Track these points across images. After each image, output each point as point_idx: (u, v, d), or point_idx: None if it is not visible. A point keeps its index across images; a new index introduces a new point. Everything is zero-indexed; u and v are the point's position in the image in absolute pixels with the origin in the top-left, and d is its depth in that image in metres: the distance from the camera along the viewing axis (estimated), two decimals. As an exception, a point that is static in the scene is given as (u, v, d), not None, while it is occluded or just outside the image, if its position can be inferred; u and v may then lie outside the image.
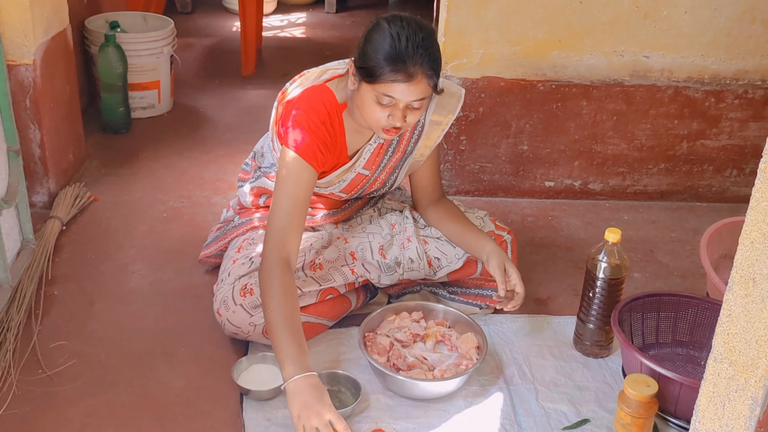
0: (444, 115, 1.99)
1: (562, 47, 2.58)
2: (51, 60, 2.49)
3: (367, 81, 1.73)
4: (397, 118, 1.75)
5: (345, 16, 4.80)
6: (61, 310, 2.08)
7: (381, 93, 1.72)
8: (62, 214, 2.42)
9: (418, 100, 1.74)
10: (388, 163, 2.01)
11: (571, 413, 1.83)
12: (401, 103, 1.74)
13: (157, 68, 3.19)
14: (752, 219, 0.96)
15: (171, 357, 1.94)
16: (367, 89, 1.74)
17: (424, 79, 1.71)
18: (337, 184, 1.99)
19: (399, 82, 1.70)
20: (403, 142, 2.00)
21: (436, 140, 2.02)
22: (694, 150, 2.76)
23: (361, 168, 1.98)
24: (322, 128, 1.83)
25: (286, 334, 1.69)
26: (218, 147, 3.04)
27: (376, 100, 1.74)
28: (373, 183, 2.04)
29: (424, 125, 1.99)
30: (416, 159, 2.04)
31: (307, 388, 1.63)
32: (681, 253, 2.54)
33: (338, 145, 1.90)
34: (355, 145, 1.95)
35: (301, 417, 1.60)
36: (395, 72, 1.68)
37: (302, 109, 1.83)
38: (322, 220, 2.09)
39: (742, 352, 0.98)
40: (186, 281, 2.22)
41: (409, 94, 1.72)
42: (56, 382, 1.83)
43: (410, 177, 2.12)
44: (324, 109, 1.84)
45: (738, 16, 2.56)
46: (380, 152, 1.97)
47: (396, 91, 1.71)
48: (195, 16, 4.60)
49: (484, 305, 2.12)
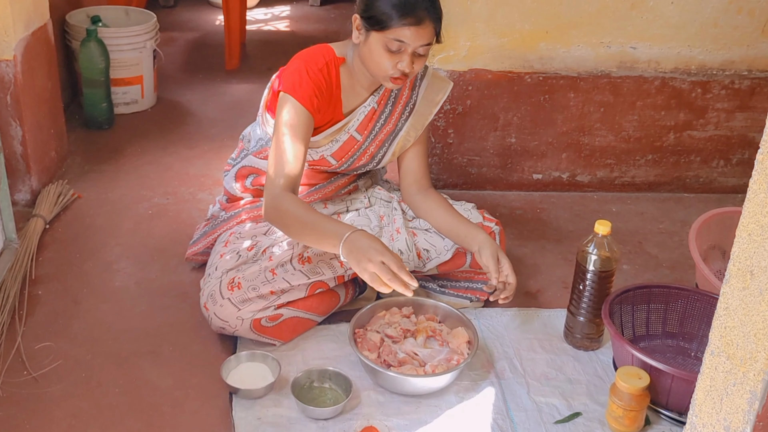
0: (435, 94, 2.08)
1: (549, 39, 2.57)
2: (32, 55, 2.45)
3: (377, 29, 1.81)
4: (406, 64, 1.83)
5: (329, 9, 4.77)
6: (45, 310, 2.04)
7: (391, 38, 1.80)
8: (45, 213, 2.39)
9: (425, 45, 1.82)
10: (380, 133, 2.03)
11: (563, 407, 1.82)
12: (410, 48, 1.81)
13: (140, 63, 3.15)
14: (749, 211, 0.94)
15: (158, 356, 1.91)
16: (376, 38, 1.82)
17: (431, 24, 1.81)
18: (329, 145, 2.01)
19: (409, 26, 1.78)
20: (396, 114, 2.03)
21: (426, 119, 2.07)
22: (681, 141, 2.76)
23: (354, 130, 2.01)
24: (318, 75, 1.90)
25: (317, 220, 1.78)
26: (203, 142, 3.01)
27: (386, 48, 1.81)
28: (363, 154, 2.05)
29: (416, 102, 2.05)
30: (406, 137, 2.07)
31: (357, 240, 1.71)
32: (669, 245, 2.54)
33: (333, 97, 1.95)
34: (349, 104, 2.00)
35: (363, 273, 1.69)
36: (405, 17, 1.78)
37: (300, 58, 1.92)
38: (308, 196, 2.09)
39: (740, 345, 0.97)
40: (172, 279, 2.19)
41: (418, 39, 1.80)
42: (41, 384, 1.80)
43: (399, 161, 2.13)
44: (322, 59, 1.92)
45: (724, 7, 2.56)
46: (373, 117, 2.01)
47: (406, 35, 1.79)
48: (178, 9, 4.55)
49: (474, 298, 2.11)
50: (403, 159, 2.12)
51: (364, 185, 2.20)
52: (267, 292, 1.88)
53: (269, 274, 1.89)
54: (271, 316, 1.88)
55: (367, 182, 2.21)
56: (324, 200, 2.11)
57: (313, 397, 1.78)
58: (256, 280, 1.88)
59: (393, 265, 1.67)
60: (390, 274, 1.67)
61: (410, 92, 2.06)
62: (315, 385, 1.81)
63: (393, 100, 2.04)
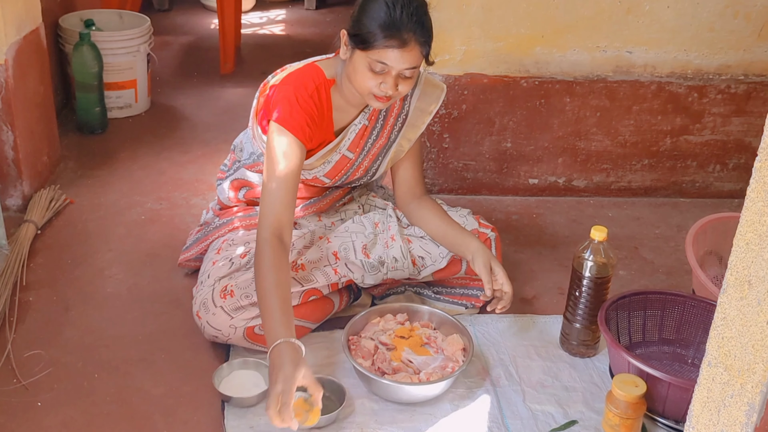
0: (428, 104, 2.02)
1: (545, 43, 2.56)
2: (24, 60, 2.43)
3: (361, 48, 1.75)
4: (389, 86, 1.77)
5: (325, 13, 4.76)
6: (36, 317, 2.02)
7: (374, 60, 1.74)
8: (37, 218, 2.37)
9: (410, 68, 1.76)
10: (372, 148, 2.00)
11: (559, 414, 1.80)
12: (394, 71, 1.76)
13: (134, 67, 3.13)
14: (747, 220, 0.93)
15: (150, 364, 1.89)
16: (360, 57, 1.76)
17: (417, 47, 1.74)
18: (322, 166, 1.98)
19: (393, 49, 1.72)
20: (387, 128, 1.99)
21: (419, 130, 2.03)
22: (678, 146, 2.75)
23: (345, 149, 1.97)
24: (309, 102, 1.84)
25: (276, 306, 1.67)
26: (197, 147, 2.99)
27: (369, 68, 1.76)
28: (357, 170, 2.03)
29: (409, 112, 2.01)
30: (399, 149, 2.04)
31: (277, 357, 1.60)
32: (666, 250, 2.52)
33: (325, 121, 1.91)
34: (340, 123, 1.95)
35: (271, 385, 1.57)
36: (389, 38, 1.71)
37: (290, 84, 1.85)
38: (303, 210, 2.06)
39: (737, 356, 0.96)
40: (165, 285, 2.17)
41: (402, 62, 1.74)
42: (32, 392, 1.78)
43: (392, 170, 2.10)
44: (312, 84, 1.86)
45: (720, 11, 2.55)
46: (364, 134, 1.97)
47: (389, 57, 1.73)
48: (172, 13, 4.54)
49: (469, 305, 2.10)
50: (397, 168, 2.09)
51: (358, 194, 2.18)
52: (260, 300, 1.86)
53: (262, 282, 1.87)
54: (264, 323, 1.86)
55: (361, 191, 2.19)
56: (318, 213, 2.09)
57: (307, 406, 1.76)
58: (249, 288, 1.86)
59: (287, 396, 1.54)
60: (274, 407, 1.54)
61: (402, 103, 2.01)
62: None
63: (384, 114, 2.00)
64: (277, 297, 1.69)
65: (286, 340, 1.62)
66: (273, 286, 1.69)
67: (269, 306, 1.68)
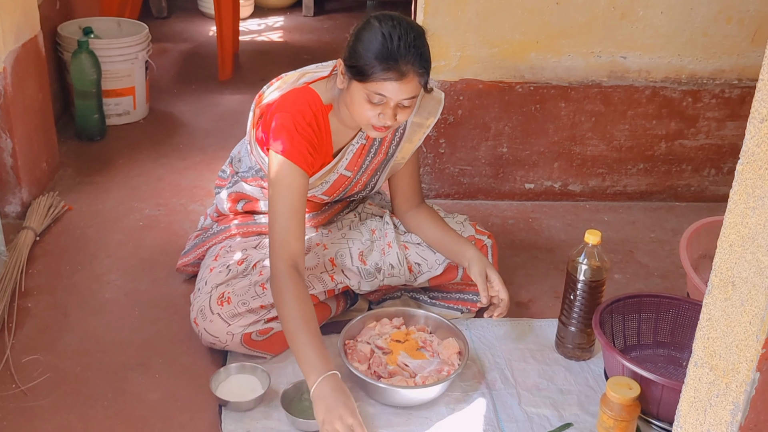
0: (425, 118, 2.00)
1: (540, 49, 2.58)
2: (22, 67, 2.45)
3: (358, 80, 1.73)
4: (387, 117, 1.75)
5: (323, 20, 4.78)
6: (34, 323, 2.04)
7: (372, 92, 1.72)
8: (36, 225, 2.38)
9: (409, 98, 1.74)
10: (370, 165, 2.00)
11: (554, 417, 1.81)
12: (392, 102, 1.74)
13: (132, 74, 3.15)
14: (730, 221, 0.95)
15: (147, 369, 1.90)
16: (358, 88, 1.74)
17: (415, 78, 1.72)
18: (320, 186, 1.97)
19: (390, 81, 1.70)
20: (385, 144, 1.99)
21: (417, 143, 2.02)
22: (673, 150, 2.76)
23: (343, 169, 1.96)
24: (308, 130, 1.82)
25: (306, 341, 1.68)
26: (195, 153, 3.01)
27: (367, 99, 1.74)
28: (355, 185, 2.03)
29: (406, 127, 1.99)
30: (397, 162, 2.04)
31: (331, 391, 1.63)
32: (661, 254, 2.54)
33: (324, 146, 1.90)
34: (338, 144, 1.94)
35: (324, 422, 1.60)
36: (387, 71, 1.69)
37: (288, 112, 1.82)
38: None
39: (722, 356, 0.97)
40: (162, 291, 2.19)
41: (400, 93, 1.72)
42: (30, 397, 1.79)
43: (389, 181, 2.10)
44: (310, 111, 1.83)
45: (714, 16, 2.57)
46: (362, 153, 1.97)
47: (387, 89, 1.71)
48: (170, 20, 4.56)
49: (465, 309, 2.11)
50: (394, 179, 2.09)
51: (355, 204, 2.19)
52: (257, 307, 1.87)
53: (259, 289, 1.88)
54: (262, 330, 1.87)
55: (360, 205, 2.19)
56: (316, 226, 2.10)
57: (303, 410, 1.77)
58: (246, 295, 1.87)
59: (357, 428, 1.60)
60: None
61: None
62: (305, 398, 1.79)
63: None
64: (307, 332, 1.69)
65: (326, 375, 1.64)
66: (302, 321, 1.70)
67: (301, 342, 1.68)
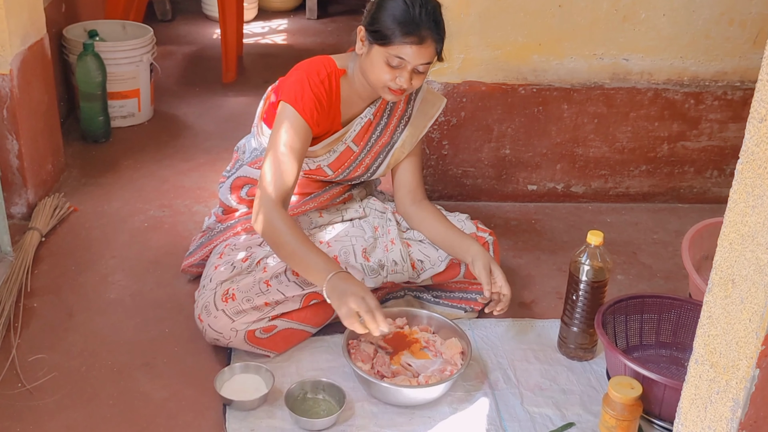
0: (429, 107, 2.11)
1: (543, 51, 2.59)
2: (28, 70, 2.46)
3: (380, 43, 1.84)
4: (404, 80, 1.86)
5: (326, 23, 4.80)
6: (40, 322, 2.05)
7: (393, 54, 1.83)
8: (41, 226, 2.40)
9: (425, 63, 1.86)
10: (375, 144, 2.06)
11: (557, 417, 1.82)
12: (410, 65, 1.85)
13: (137, 77, 3.17)
14: (730, 220, 0.96)
15: (152, 368, 1.92)
16: (379, 52, 1.85)
17: (433, 44, 1.85)
18: (327, 155, 2.03)
19: (411, 45, 1.82)
20: (390, 127, 2.06)
21: (420, 132, 2.10)
22: (675, 152, 2.77)
23: (350, 141, 2.03)
24: (320, 87, 1.92)
25: (308, 251, 1.81)
26: (199, 155, 3.02)
27: (386, 62, 1.84)
28: (359, 165, 2.07)
29: (412, 114, 2.09)
30: (400, 150, 2.09)
31: (341, 281, 1.75)
32: (663, 255, 2.54)
33: (333, 108, 1.98)
34: (347, 114, 2.03)
35: (341, 307, 1.73)
36: (408, 35, 1.81)
37: (302, 69, 1.94)
38: (303, 205, 2.10)
39: (722, 353, 0.98)
40: (167, 291, 2.20)
41: (418, 57, 1.83)
42: (36, 396, 1.81)
43: (392, 173, 2.15)
44: (324, 70, 1.95)
45: (716, 18, 2.58)
46: (369, 129, 2.04)
47: (407, 53, 1.83)
48: (175, 23, 4.58)
49: (468, 308, 2.12)
50: (397, 171, 2.13)
51: (358, 194, 2.21)
52: (261, 304, 1.88)
53: (263, 286, 1.90)
54: (266, 327, 1.89)
55: (361, 192, 2.22)
56: (319, 209, 2.12)
57: (307, 409, 1.78)
58: (251, 292, 1.89)
59: (372, 302, 1.73)
60: (368, 311, 1.71)
61: (405, 105, 2.08)
62: (308, 397, 1.81)
63: (389, 113, 2.06)
64: (307, 245, 1.81)
65: (336, 273, 1.76)
66: (299, 240, 1.81)
67: (303, 253, 1.80)
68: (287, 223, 1.83)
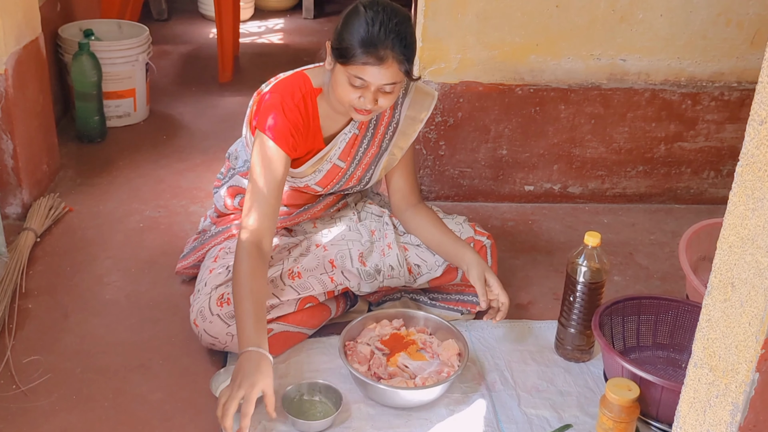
0: (419, 111, 2.02)
1: (540, 51, 2.58)
2: (23, 69, 2.45)
3: (341, 62, 1.77)
4: (368, 101, 1.79)
5: (323, 22, 4.79)
6: (35, 323, 2.04)
7: (353, 75, 1.76)
8: (36, 226, 2.39)
9: (390, 84, 1.77)
10: (363, 157, 2.01)
11: (554, 419, 1.82)
12: (372, 86, 1.77)
13: (133, 76, 3.16)
14: (730, 223, 0.95)
15: (147, 370, 1.91)
16: (341, 70, 1.78)
17: (395, 64, 1.75)
18: (313, 175, 1.99)
19: (370, 65, 1.74)
20: (378, 137, 2.01)
21: (411, 138, 2.04)
22: (672, 152, 2.77)
23: (336, 158, 1.98)
24: (294, 111, 1.86)
25: (250, 311, 1.72)
26: (195, 155, 3.01)
27: (349, 81, 1.78)
28: (350, 179, 2.04)
29: (399, 121, 2.02)
30: (391, 157, 2.05)
31: (245, 362, 1.64)
32: (660, 256, 2.54)
33: (311, 129, 1.92)
34: (329, 130, 1.97)
35: (232, 384, 1.63)
36: (366, 55, 1.73)
37: (276, 93, 1.88)
38: (297, 216, 2.08)
39: (722, 357, 0.98)
40: (163, 292, 2.19)
41: (380, 77, 1.75)
42: (30, 398, 1.80)
43: (386, 178, 2.12)
44: (299, 92, 1.88)
45: (713, 19, 2.58)
46: (355, 144, 1.99)
47: (367, 73, 1.75)
48: (171, 23, 4.56)
49: (465, 311, 2.11)
50: (391, 176, 2.10)
51: (353, 201, 2.20)
52: (256, 308, 1.87)
53: (258, 290, 1.88)
54: (261, 331, 1.87)
55: (356, 197, 2.21)
56: (312, 220, 2.11)
57: (304, 411, 1.77)
58: (245, 296, 1.87)
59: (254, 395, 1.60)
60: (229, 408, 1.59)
61: (392, 112, 2.01)
62: (305, 399, 1.80)
63: (374, 123, 2.00)
64: (251, 303, 1.73)
65: (257, 350, 1.67)
66: (248, 293, 1.74)
67: (243, 312, 1.72)
68: (250, 275, 1.75)
